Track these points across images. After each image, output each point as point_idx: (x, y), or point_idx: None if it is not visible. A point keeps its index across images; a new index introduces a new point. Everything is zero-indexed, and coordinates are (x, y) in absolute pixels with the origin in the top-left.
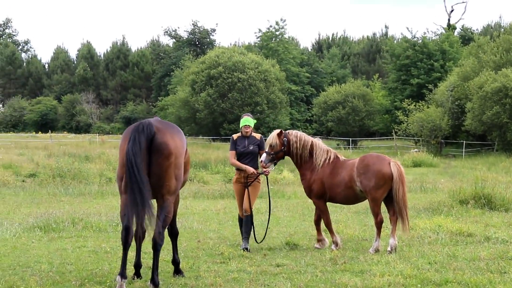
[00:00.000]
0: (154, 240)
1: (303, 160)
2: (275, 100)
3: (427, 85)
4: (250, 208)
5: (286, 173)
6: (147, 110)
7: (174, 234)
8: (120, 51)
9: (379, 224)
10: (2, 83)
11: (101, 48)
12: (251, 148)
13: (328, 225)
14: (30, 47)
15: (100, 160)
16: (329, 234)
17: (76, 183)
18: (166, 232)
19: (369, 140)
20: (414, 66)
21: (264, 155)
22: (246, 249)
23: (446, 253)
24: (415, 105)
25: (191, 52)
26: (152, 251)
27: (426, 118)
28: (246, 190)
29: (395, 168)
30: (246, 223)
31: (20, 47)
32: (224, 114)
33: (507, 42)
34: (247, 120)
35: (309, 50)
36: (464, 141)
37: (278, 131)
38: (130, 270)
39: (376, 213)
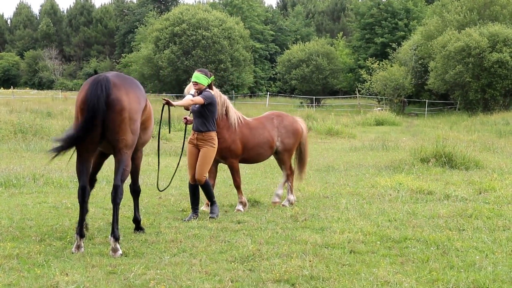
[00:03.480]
0: (114, 193)
1: (221, 118)
2: (239, 57)
3: (391, 44)
4: (196, 176)
5: None
6: (110, 67)
7: (136, 192)
8: (83, 7)
9: (293, 177)
10: None
11: (64, 4)
12: (196, 107)
13: (240, 185)
14: None
15: (63, 117)
16: (238, 194)
17: (38, 139)
18: (128, 188)
19: (333, 99)
20: (379, 25)
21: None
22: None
23: (406, 211)
24: (378, 64)
25: (155, 9)
26: (111, 206)
27: (390, 77)
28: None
29: (304, 125)
30: (190, 192)
31: None
32: (188, 71)
33: (471, 1)
34: (196, 76)
35: (274, 8)
36: (427, 100)
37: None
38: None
39: (291, 166)
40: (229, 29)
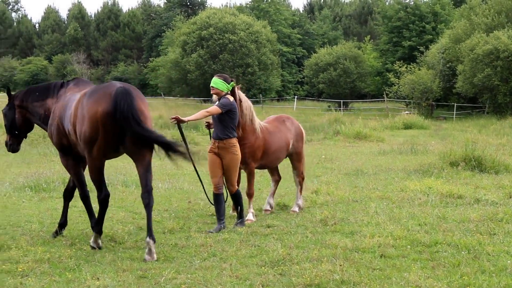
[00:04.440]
0: (148, 197)
1: (247, 123)
2: (266, 61)
3: (418, 47)
4: (227, 186)
5: None
6: (138, 71)
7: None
8: (111, 12)
9: (303, 181)
10: None
11: (92, 8)
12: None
13: (253, 194)
14: (20, 7)
15: None
16: (249, 203)
17: None
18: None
19: (360, 102)
20: (406, 28)
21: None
22: (211, 232)
23: (436, 215)
24: (406, 67)
25: (182, 13)
26: (145, 210)
27: (418, 80)
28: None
29: (301, 127)
30: (214, 201)
31: (10, 6)
32: None
33: (499, 4)
34: (214, 81)
35: (301, 11)
36: (455, 104)
37: (237, 86)
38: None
39: (303, 171)
40: (256, 32)
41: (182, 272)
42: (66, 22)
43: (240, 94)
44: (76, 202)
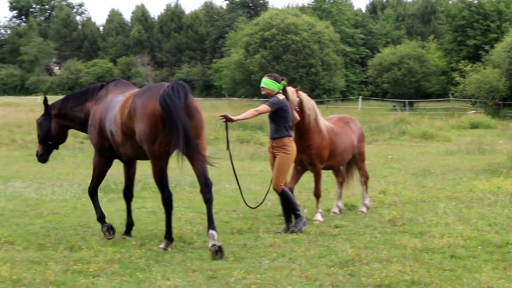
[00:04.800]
0: (210, 193)
1: (312, 124)
2: (330, 61)
3: (483, 46)
4: (272, 186)
5: None
6: (202, 72)
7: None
8: (174, 14)
9: (368, 180)
10: (58, 46)
11: (155, 10)
12: (269, 114)
13: (321, 194)
14: (85, 10)
15: None
16: (316, 204)
17: None
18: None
19: (426, 102)
20: (470, 27)
21: None
22: (279, 232)
23: (506, 215)
24: (471, 66)
25: (245, 14)
26: (205, 207)
27: (483, 79)
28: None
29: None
30: (281, 202)
31: (75, 10)
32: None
33: None
34: (264, 82)
35: (363, 11)
36: None
37: (297, 87)
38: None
39: (367, 171)
40: (319, 33)
41: (252, 273)
42: (130, 25)
43: (302, 94)
44: (145, 203)
